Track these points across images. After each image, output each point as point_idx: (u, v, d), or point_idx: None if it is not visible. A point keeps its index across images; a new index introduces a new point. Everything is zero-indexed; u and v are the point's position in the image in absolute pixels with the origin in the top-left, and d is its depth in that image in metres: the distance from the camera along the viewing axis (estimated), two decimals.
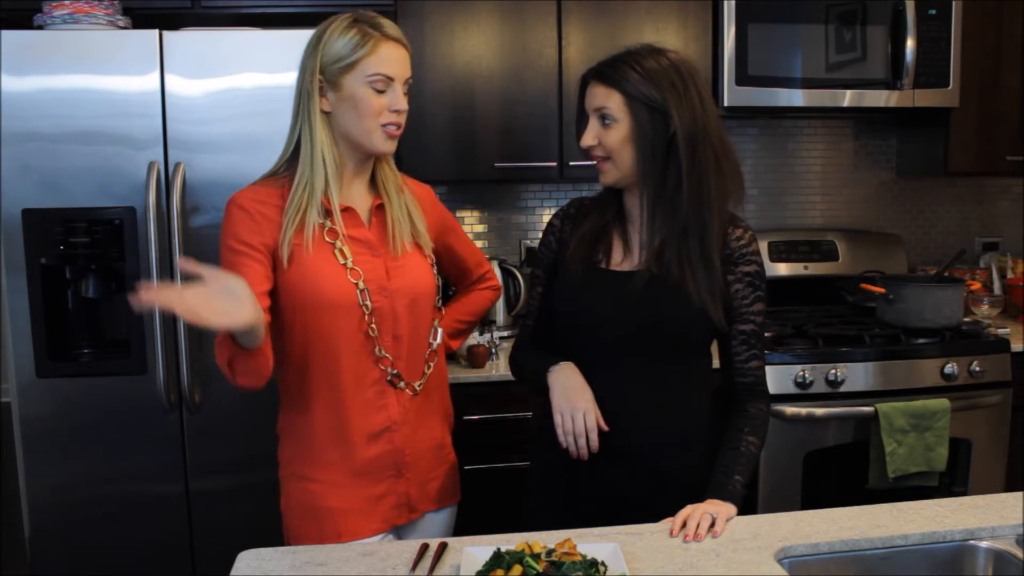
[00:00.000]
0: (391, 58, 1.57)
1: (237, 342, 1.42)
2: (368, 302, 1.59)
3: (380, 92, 1.57)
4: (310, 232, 1.56)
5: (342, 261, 1.59)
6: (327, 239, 1.59)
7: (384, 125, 1.58)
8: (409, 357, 1.66)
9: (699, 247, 1.55)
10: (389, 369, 1.63)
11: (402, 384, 1.65)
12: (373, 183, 1.68)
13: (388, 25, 1.59)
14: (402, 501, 1.67)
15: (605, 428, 1.54)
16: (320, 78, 1.57)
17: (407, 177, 1.76)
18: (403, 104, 1.59)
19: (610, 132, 1.55)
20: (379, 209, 1.67)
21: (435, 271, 1.72)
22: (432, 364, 1.71)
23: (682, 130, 1.51)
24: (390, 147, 1.62)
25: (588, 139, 1.58)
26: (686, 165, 1.52)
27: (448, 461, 1.77)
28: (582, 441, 1.52)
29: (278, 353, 1.64)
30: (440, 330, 1.73)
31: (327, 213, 1.59)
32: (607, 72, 1.55)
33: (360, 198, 1.66)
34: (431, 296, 1.70)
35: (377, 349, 1.61)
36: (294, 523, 1.66)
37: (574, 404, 1.53)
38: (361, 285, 1.59)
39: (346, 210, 1.62)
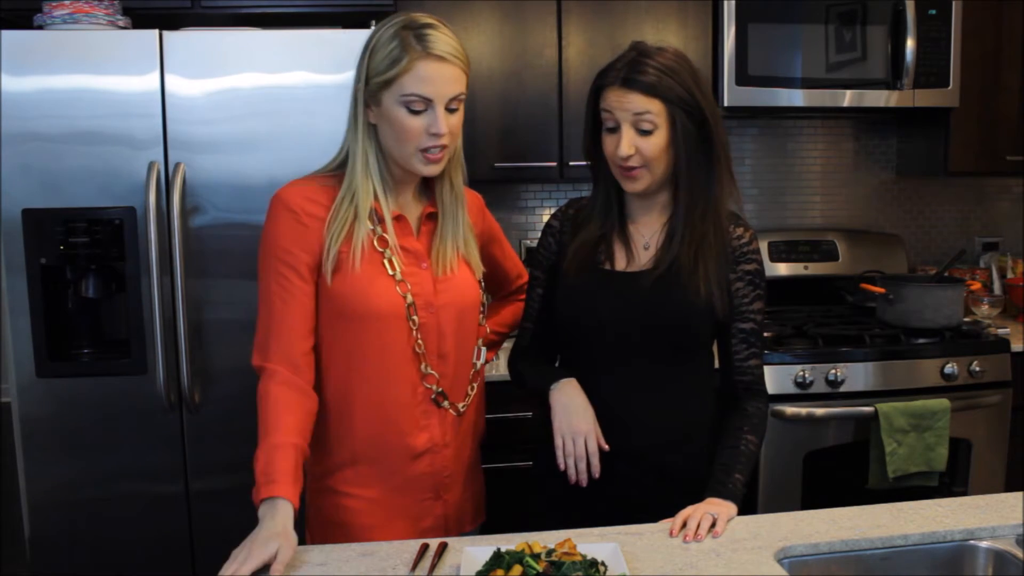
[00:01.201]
0: (430, 77, 1.42)
1: None
2: (415, 317, 1.52)
3: (417, 113, 1.44)
4: (359, 244, 1.48)
5: (391, 272, 1.51)
6: (377, 247, 1.51)
7: (422, 149, 1.46)
8: (454, 377, 1.59)
9: (716, 242, 1.56)
10: (435, 387, 1.56)
11: (446, 404, 1.58)
12: (425, 188, 1.59)
13: (437, 37, 1.44)
14: (439, 523, 1.63)
15: (606, 448, 1.53)
16: (365, 88, 1.47)
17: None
18: (442, 127, 1.44)
19: (650, 140, 1.50)
20: (428, 218, 1.58)
21: (482, 287, 1.64)
22: (475, 385, 1.64)
23: (713, 127, 1.52)
24: (431, 171, 1.50)
25: (626, 148, 1.50)
26: (721, 160, 1.54)
27: (480, 481, 1.74)
28: (582, 465, 1.52)
29: (318, 365, 1.56)
30: (484, 349, 1.65)
31: (379, 220, 1.51)
32: (639, 79, 1.47)
33: (411, 205, 1.57)
34: (476, 311, 1.62)
35: (423, 366, 1.55)
36: (324, 539, 1.58)
37: (576, 428, 1.52)
38: (409, 299, 1.51)
39: (397, 218, 1.53)
